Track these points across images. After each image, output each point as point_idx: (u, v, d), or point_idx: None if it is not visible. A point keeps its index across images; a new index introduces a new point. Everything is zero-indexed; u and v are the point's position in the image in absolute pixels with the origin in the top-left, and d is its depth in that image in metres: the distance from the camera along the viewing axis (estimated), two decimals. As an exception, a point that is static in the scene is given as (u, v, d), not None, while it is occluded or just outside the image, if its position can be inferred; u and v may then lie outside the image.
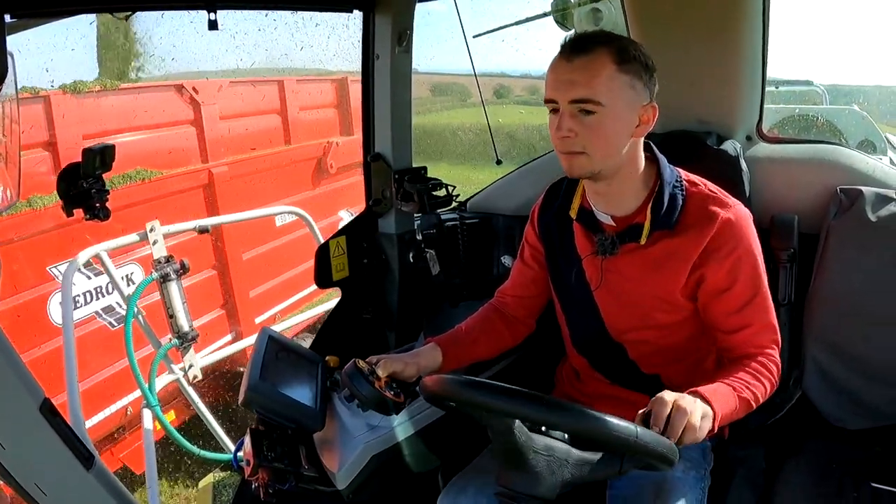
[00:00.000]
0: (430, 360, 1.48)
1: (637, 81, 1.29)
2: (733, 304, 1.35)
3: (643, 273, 1.40)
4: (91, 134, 3.63)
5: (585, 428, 1.03)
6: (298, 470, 1.43)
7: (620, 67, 1.26)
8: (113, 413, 3.58)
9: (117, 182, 3.62)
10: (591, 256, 1.46)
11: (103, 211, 1.56)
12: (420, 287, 2.12)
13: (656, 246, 1.38)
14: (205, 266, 4.36)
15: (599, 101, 1.26)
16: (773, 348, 1.38)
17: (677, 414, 1.11)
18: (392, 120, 1.97)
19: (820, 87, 7.29)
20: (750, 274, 1.35)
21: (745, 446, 1.68)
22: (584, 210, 1.48)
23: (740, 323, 1.36)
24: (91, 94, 3.72)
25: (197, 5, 1.58)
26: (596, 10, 4.32)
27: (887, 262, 1.68)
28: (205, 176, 4.37)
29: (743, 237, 1.34)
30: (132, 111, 4.00)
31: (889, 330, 1.68)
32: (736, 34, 1.76)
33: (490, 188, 2.36)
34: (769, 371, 1.34)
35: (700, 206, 1.36)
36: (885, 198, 1.72)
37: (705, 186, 1.40)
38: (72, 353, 2.50)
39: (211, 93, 4.50)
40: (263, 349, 1.48)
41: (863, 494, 1.56)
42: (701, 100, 1.87)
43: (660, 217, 1.36)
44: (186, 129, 4.38)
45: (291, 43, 5.95)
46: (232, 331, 4.53)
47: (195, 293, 3.81)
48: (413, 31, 1.91)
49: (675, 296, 1.39)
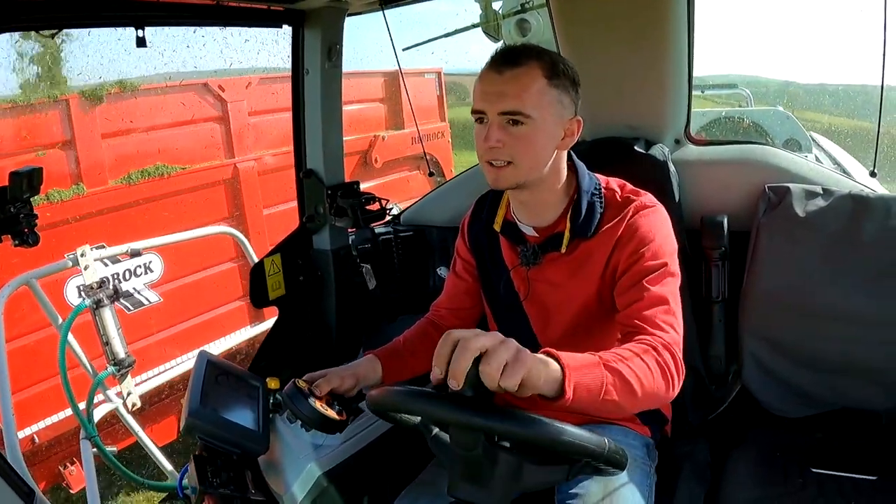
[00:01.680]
0: (369, 372, 1.47)
1: (565, 96, 1.32)
2: (629, 280, 1.32)
3: (566, 279, 1.42)
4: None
5: (540, 437, 0.98)
6: (245, 495, 1.39)
7: (550, 82, 1.29)
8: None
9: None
10: (517, 268, 1.48)
11: (32, 236, 1.51)
12: (357, 302, 2.11)
13: (577, 251, 1.40)
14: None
15: (529, 114, 1.27)
16: (664, 329, 1.23)
17: (459, 353, 0.94)
18: (323, 135, 1.96)
19: (745, 90, 7.55)
20: (651, 255, 1.32)
21: (689, 441, 1.72)
22: (507, 222, 1.50)
23: (631, 297, 1.30)
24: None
25: (124, 23, 1.55)
26: (523, 21, 4.40)
27: (817, 255, 1.73)
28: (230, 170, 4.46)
29: (650, 224, 1.35)
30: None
31: (823, 320, 1.73)
32: (661, 41, 1.80)
33: (422, 201, 2.38)
34: (658, 353, 1.18)
35: (615, 209, 1.39)
36: (812, 193, 1.77)
37: (622, 189, 1.42)
38: (6, 387, 2.40)
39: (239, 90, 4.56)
40: (202, 374, 1.45)
41: (807, 480, 1.60)
42: (629, 106, 1.90)
43: (578, 225, 1.38)
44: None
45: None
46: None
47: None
48: (342, 46, 1.91)
49: (595, 297, 1.40)
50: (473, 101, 1.32)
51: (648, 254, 1.32)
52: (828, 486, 1.58)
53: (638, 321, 1.26)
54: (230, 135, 4.53)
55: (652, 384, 1.15)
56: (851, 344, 1.70)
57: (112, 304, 2.78)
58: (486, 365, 0.94)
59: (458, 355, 0.94)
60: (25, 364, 3.34)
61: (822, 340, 1.74)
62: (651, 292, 1.28)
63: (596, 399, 1.08)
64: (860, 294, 1.69)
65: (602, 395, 1.08)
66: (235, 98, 4.54)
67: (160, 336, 4.05)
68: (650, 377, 1.14)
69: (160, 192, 4.06)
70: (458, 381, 0.94)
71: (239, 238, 3.77)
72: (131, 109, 4.07)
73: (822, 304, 1.72)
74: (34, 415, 3.46)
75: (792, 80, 13.66)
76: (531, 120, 1.28)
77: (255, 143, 4.67)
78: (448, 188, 2.31)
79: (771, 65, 30.84)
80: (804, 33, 37.72)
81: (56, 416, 3.51)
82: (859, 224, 1.70)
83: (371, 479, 1.60)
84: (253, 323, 4.51)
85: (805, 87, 14.12)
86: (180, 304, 4.12)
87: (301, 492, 1.44)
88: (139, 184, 3.98)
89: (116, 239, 3.41)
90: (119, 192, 3.90)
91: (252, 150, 4.64)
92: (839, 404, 1.78)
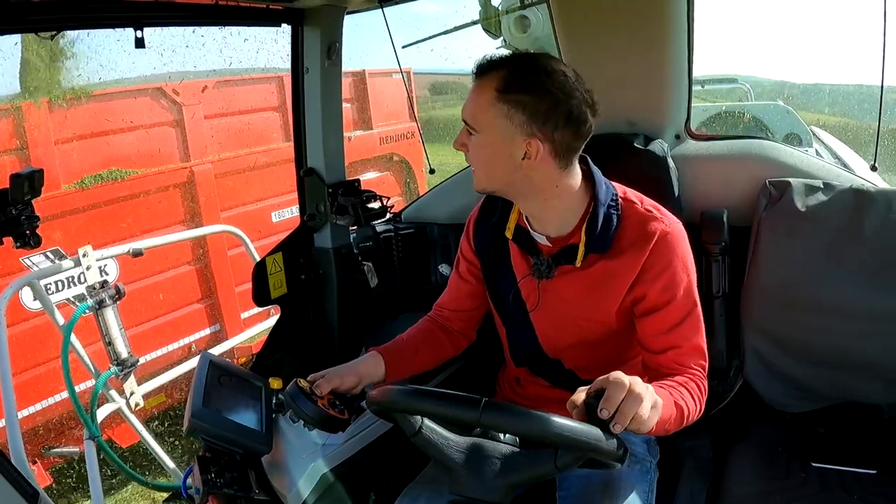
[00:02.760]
0: (372, 369, 1.46)
1: (517, 113, 1.24)
2: (664, 323, 1.33)
3: (580, 295, 1.40)
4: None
5: (547, 432, 1.01)
6: (249, 495, 1.39)
7: (500, 96, 1.24)
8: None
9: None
10: (528, 278, 1.45)
11: (34, 238, 1.52)
12: (359, 300, 2.11)
13: (594, 268, 1.37)
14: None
15: (474, 127, 1.29)
16: (700, 371, 1.34)
17: (630, 399, 1.03)
18: (324, 134, 1.96)
19: (745, 84, 7.49)
20: (684, 293, 1.33)
21: (690, 437, 1.71)
22: (520, 229, 1.46)
23: (669, 343, 1.33)
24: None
25: (123, 24, 1.55)
26: (523, 17, 4.38)
27: (818, 250, 1.73)
28: (186, 173, 4.43)
29: (678, 253, 1.33)
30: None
31: (824, 315, 1.73)
32: (662, 35, 1.80)
33: (424, 198, 2.38)
34: (699, 390, 1.30)
35: (636, 226, 1.34)
36: (812, 188, 1.76)
37: (642, 204, 1.37)
38: (9, 387, 2.40)
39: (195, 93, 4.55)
40: (205, 375, 1.45)
41: (809, 474, 1.61)
42: (629, 101, 1.90)
43: (594, 238, 1.34)
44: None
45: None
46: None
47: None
48: (342, 44, 1.91)
49: (611, 316, 1.39)
50: None
51: (680, 293, 1.32)
52: (830, 481, 1.58)
53: (678, 366, 1.33)
54: (186, 138, 4.53)
55: (693, 417, 1.28)
56: (853, 338, 1.70)
57: (115, 304, 2.78)
58: (641, 416, 1.04)
59: (630, 403, 1.03)
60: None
61: (823, 335, 1.74)
62: (688, 342, 1.34)
63: (661, 430, 1.19)
64: (862, 289, 1.69)
65: (666, 426, 1.20)
66: (191, 102, 4.54)
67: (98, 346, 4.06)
68: (694, 411, 1.28)
69: (114, 196, 4.04)
70: (623, 425, 1.02)
71: (241, 237, 3.77)
72: (85, 115, 4.06)
73: (823, 299, 1.72)
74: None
75: (788, 80, 13.70)
76: (476, 133, 1.29)
77: (211, 146, 4.68)
78: (449, 185, 2.31)
79: (767, 64, 31.09)
80: (797, 32, 37.86)
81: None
82: (860, 218, 1.70)
83: (375, 476, 1.60)
84: (211, 325, 4.53)
85: (801, 87, 14.14)
86: (137, 307, 4.07)
87: (306, 490, 1.44)
88: (93, 188, 3.96)
89: (70, 243, 3.43)
90: (73, 196, 3.88)
91: (208, 153, 4.64)
92: (841, 399, 1.78)
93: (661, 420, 1.13)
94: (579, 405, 1.05)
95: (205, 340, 4.48)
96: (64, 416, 3.74)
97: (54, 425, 3.73)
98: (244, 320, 4.65)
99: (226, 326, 4.57)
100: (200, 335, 4.47)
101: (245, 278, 4.50)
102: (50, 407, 3.68)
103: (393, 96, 6.15)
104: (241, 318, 4.66)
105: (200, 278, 4.52)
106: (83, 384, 3.31)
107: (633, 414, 1.02)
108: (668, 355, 1.33)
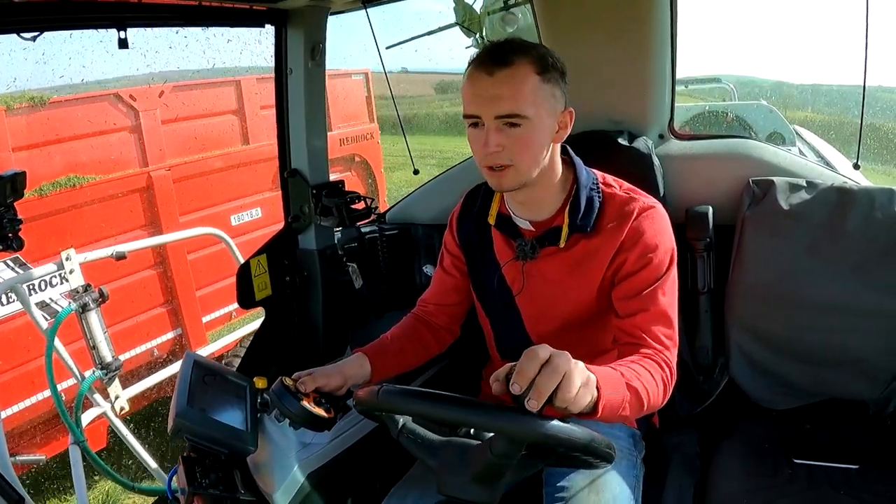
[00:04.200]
0: (357, 369, 1.46)
1: (556, 89, 1.29)
2: (636, 286, 1.33)
3: (563, 275, 1.41)
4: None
5: (537, 435, 0.96)
6: (235, 495, 1.37)
7: (543, 77, 1.26)
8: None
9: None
10: (512, 262, 1.47)
11: (17, 241, 1.50)
12: (344, 301, 2.11)
13: (576, 247, 1.39)
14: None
15: (525, 115, 1.25)
16: (665, 347, 1.29)
17: (546, 373, 0.94)
18: (307, 135, 1.96)
19: (728, 83, 7.55)
20: (659, 260, 1.34)
21: (677, 433, 1.73)
22: (501, 216, 1.48)
23: (637, 306, 1.32)
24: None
25: (107, 24, 1.54)
26: (511, 14, 4.40)
27: (802, 247, 1.74)
28: (144, 179, 4.39)
29: (655, 225, 1.35)
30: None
31: (808, 312, 1.74)
32: (644, 35, 1.81)
33: (408, 199, 2.38)
34: (662, 370, 1.25)
35: (617, 207, 1.37)
36: (796, 186, 1.78)
37: (620, 187, 1.41)
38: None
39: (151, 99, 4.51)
40: (189, 375, 1.44)
41: (796, 470, 1.62)
42: (613, 100, 1.91)
43: (577, 220, 1.37)
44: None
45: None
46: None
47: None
48: (326, 45, 1.91)
49: (593, 295, 1.41)
50: (465, 105, 1.30)
51: (655, 261, 1.33)
52: (816, 477, 1.59)
53: (642, 334, 1.29)
54: (143, 144, 4.49)
55: (655, 400, 1.21)
56: (837, 335, 1.72)
57: (98, 308, 2.76)
58: (565, 392, 0.95)
59: (546, 377, 0.94)
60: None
61: (807, 332, 1.75)
62: (656, 307, 1.31)
63: (615, 415, 1.11)
64: (845, 285, 1.70)
65: (620, 411, 1.12)
66: (148, 107, 4.50)
67: (77, 345, 3.82)
68: (656, 394, 1.21)
69: (72, 203, 3.97)
70: (539, 402, 0.93)
71: (224, 239, 3.75)
72: (41, 122, 4.00)
73: (807, 296, 1.73)
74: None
75: (785, 80, 13.89)
76: (528, 120, 1.25)
77: (169, 151, 4.64)
78: (433, 186, 2.31)
79: (751, 64, 31.46)
80: (775, 31, 38.26)
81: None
82: (843, 216, 1.72)
83: (361, 475, 1.60)
84: (174, 328, 4.49)
85: (798, 87, 14.32)
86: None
87: (291, 490, 1.43)
88: (51, 195, 3.89)
89: (31, 252, 3.34)
90: (30, 204, 3.78)
91: (166, 158, 4.61)
92: (826, 395, 1.79)
93: (611, 404, 1.06)
94: (500, 380, 0.98)
95: (167, 345, 4.43)
96: (35, 420, 3.65)
97: (24, 431, 3.65)
98: (206, 324, 4.63)
99: (188, 330, 4.52)
100: (163, 339, 4.42)
101: (206, 282, 4.57)
102: (19, 413, 3.59)
103: (351, 98, 6.18)
104: (202, 322, 4.62)
105: (162, 282, 4.47)
106: (61, 384, 3.25)
107: (550, 390, 0.93)
108: (635, 320, 1.32)
